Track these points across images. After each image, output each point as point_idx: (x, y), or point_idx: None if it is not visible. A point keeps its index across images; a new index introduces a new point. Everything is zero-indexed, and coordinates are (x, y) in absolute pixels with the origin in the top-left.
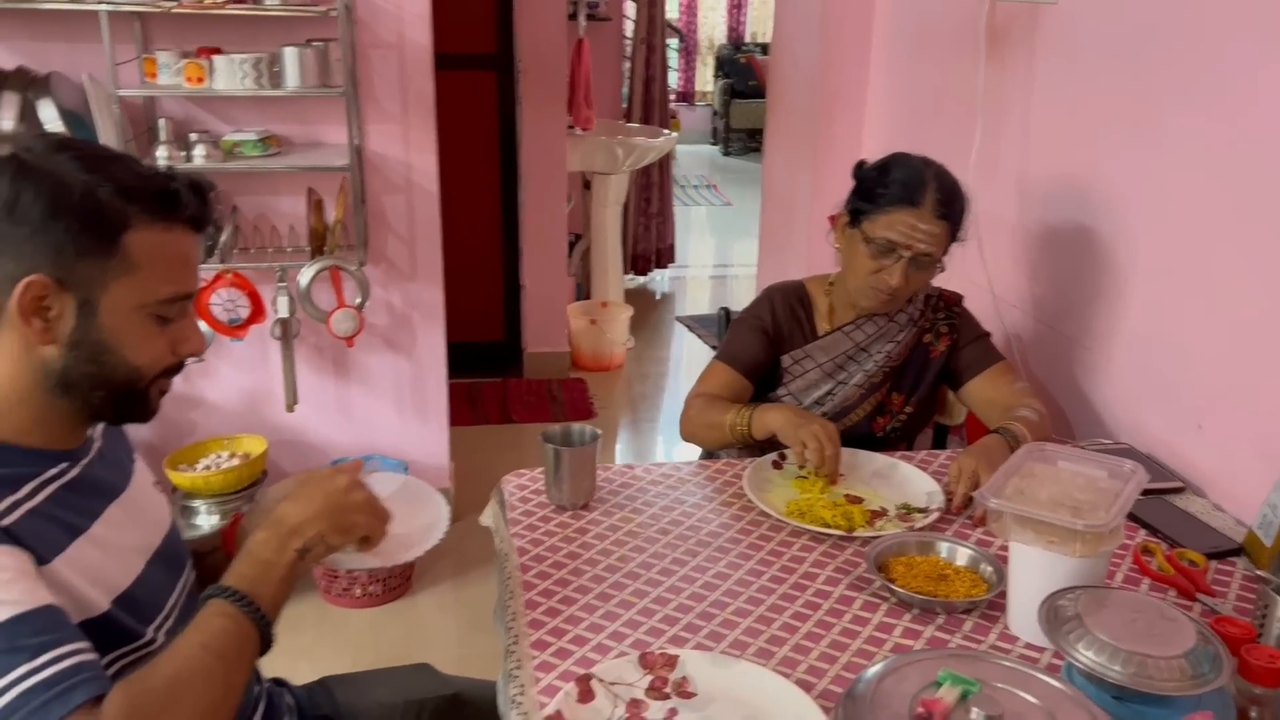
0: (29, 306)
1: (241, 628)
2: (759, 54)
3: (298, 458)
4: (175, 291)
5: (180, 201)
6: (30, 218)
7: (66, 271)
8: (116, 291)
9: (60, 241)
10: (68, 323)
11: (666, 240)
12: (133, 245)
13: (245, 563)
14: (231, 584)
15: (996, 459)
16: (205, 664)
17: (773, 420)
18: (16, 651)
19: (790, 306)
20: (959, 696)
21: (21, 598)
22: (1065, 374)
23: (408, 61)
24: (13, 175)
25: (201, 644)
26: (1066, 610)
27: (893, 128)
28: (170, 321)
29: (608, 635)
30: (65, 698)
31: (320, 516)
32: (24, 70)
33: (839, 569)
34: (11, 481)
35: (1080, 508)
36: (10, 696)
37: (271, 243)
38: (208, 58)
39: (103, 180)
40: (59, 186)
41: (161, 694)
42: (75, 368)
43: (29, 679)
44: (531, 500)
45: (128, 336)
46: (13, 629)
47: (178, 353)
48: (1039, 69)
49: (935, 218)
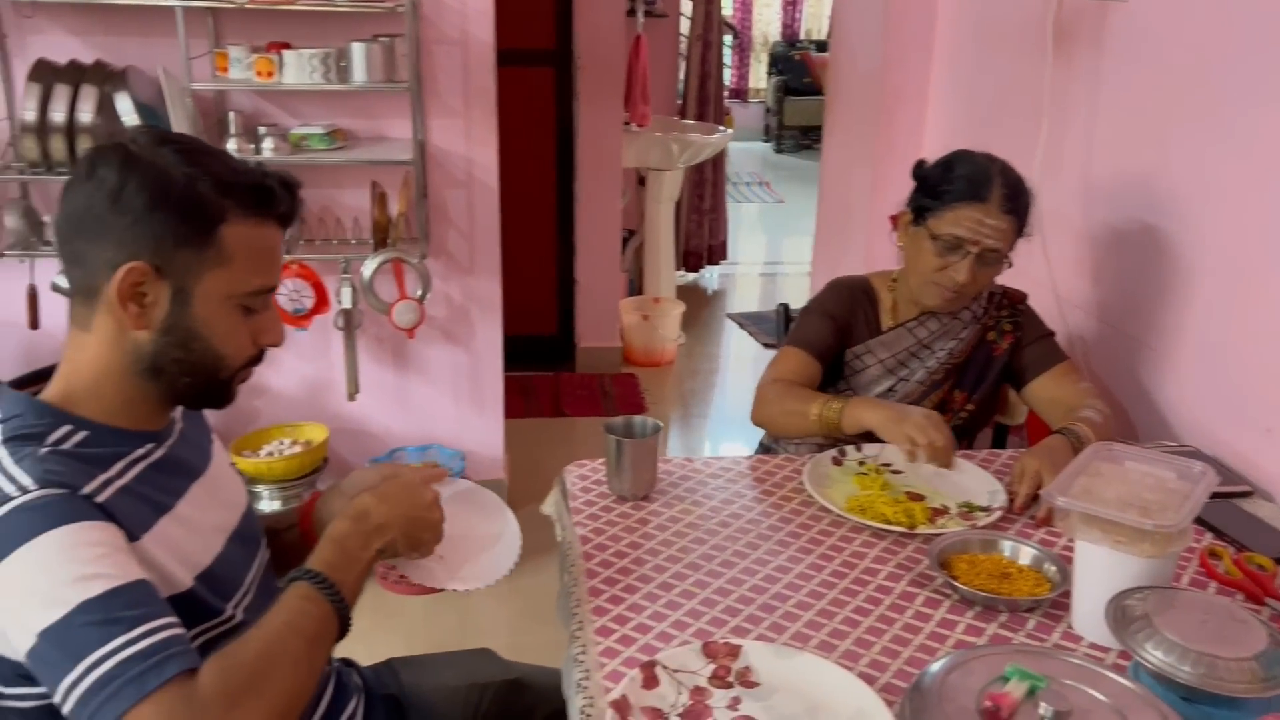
0: (127, 292)
1: (325, 612)
2: (814, 51)
3: (358, 446)
4: (263, 284)
5: (275, 198)
6: (134, 207)
7: (164, 260)
8: (209, 281)
9: (160, 231)
10: (161, 309)
11: (719, 237)
12: (227, 238)
13: (330, 550)
14: (319, 569)
15: (1060, 460)
16: (292, 645)
17: (869, 417)
18: (114, 623)
19: (856, 299)
20: (1026, 692)
21: (116, 571)
22: (1129, 375)
23: (471, 57)
24: (120, 165)
25: (288, 624)
26: (1135, 610)
27: (954, 126)
28: (254, 313)
29: (670, 624)
30: (159, 669)
31: (401, 524)
32: (102, 64)
33: (900, 565)
34: (103, 460)
35: (1149, 508)
36: (108, 666)
37: (336, 235)
38: (278, 53)
39: (202, 174)
40: (162, 178)
41: (251, 670)
42: (165, 353)
43: (126, 650)
44: (593, 490)
45: (217, 325)
46: (109, 601)
47: (259, 342)
48: (1106, 67)
49: (1002, 213)
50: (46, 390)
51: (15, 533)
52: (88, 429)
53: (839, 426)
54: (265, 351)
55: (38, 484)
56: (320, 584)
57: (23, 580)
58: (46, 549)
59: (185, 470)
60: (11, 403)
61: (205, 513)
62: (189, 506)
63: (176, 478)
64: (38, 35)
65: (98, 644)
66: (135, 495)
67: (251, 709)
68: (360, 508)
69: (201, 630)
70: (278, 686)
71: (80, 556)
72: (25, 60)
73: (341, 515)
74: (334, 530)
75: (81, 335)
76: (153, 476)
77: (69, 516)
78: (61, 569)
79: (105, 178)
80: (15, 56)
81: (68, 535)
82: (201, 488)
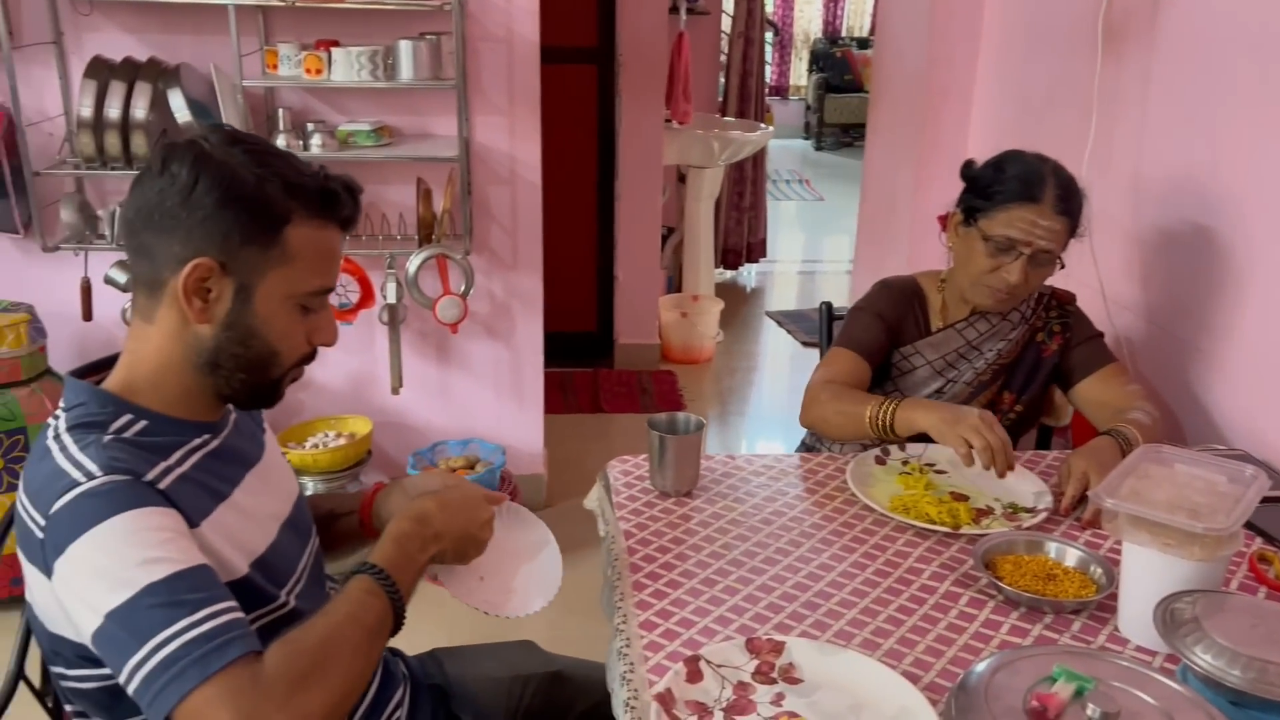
0: (192, 286)
1: (384, 606)
2: (855, 48)
3: (401, 439)
4: (323, 285)
5: (340, 202)
6: (205, 204)
7: (230, 257)
8: (272, 280)
9: (229, 229)
10: (224, 304)
11: (758, 235)
12: (292, 238)
13: (391, 548)
14: (384, 566)
15: (1108, 461)
16: (353, 635)
17: (922, 419)
18: (178, 605)
19: (905, 299)
20: (1074, 693)
21: (180, 556)
22: (1178, 377)
23: (515, 55)
24: (193, 162)
25: (351, 615)
26: (1184, 613)
27: (1001, 125)
28: (311, 312)
29: (713, 619)
30: (223, 650)
31: (456, 537)
32: (155, 61)
33: (944, 565)
34: (163, 449)
35: (1198, 511)
36: (173, 647)
37: (381, 230)
38: (326, 50)
39: (271, 175)
40: (233, 178)
41: (314, 657)
42: (225, 348)
43: (190, 631)
44: (635, 486)
45: (276, 323)
46: (173, 584)
47: (313, 341)
48: (1157, 65)
49: (1055, 214)
50: (108, 380)
51: (83, 517)
52: (147, 418)
53: (892, 428)
54: (317, 351)
55: (103, 470)
56: (382, 579)
57: (90, 563)
58: (113, 533)
59: (240, 459)
60: (75, 391)
61: (260, 500)
62: (244, 494)
63: (232, 466)
64: (94, 33)
65: (163, 625)
66: (194, 483)
67: (314, 694)
68: (421, 511)
69: (257, 616)
70: (339, 674)
71: (146, 540)
72: (81, 58)
73: (403, 515)
74: (395, 529)
75: (144, 327)
76: (210, 465)
77: (134, 501)
78: (128, 552)
79: (178, 174)
80: (72, 54)
81: (133, 520)
82: (256, 476)
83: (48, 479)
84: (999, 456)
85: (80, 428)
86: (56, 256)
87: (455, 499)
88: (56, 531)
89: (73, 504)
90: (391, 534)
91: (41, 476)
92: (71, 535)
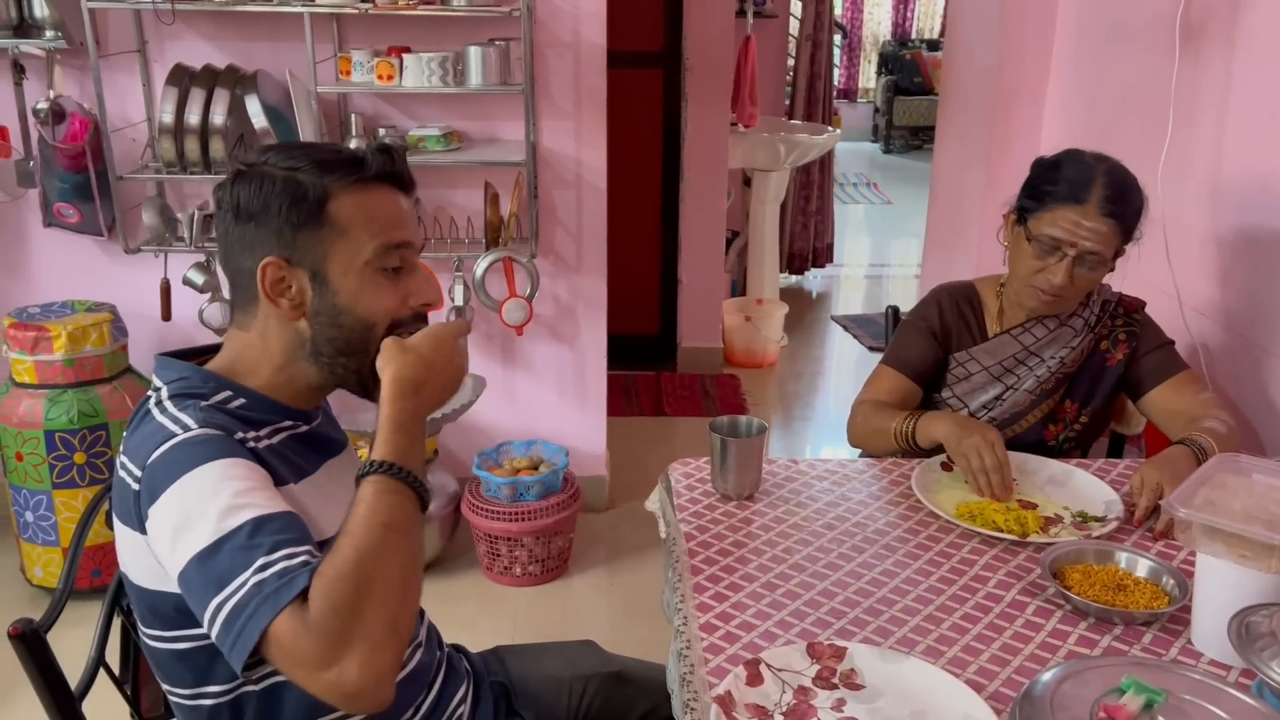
0: (272, 288)
1: (409, 499)
2: (925, 50)
3: (466, 440)
4: (385, 240)
5: (367, 162)
6: (253, 213)
7: (290, 249)
8: (337, 257)
9: (279, 225)
10: (307, 294)
11: (825, 239)
12: (336, 211)
13: (393, 433)
14: (391, 459)
15: (1182, 471)
16: (387, 539)
17: (938, 429)
18: (257, 548)
19: (958, 307)
20: (1143, 705)
21: (265, 503)
22: (1257, 386)
23: (582, 59)
24: (231, 185)
25: (382, 524)
26: (1260, 626)
27: (1074, 127)
28: (399, 274)
29: (774, 623)
30: (290, 585)
31: (444, 387)
32: (234, 68)
33: (1011, 574)
34: (255, 423)
35: (1276, 522)
36: (247, 588)
37: (449, 234)
38: (398, 56)
39: (300, 164)
40: (267, 180)
41: (353, 580)
42: (321, 333)
43: (264, 571)
44: (697, 489)
45: (360, 294)
46: (256, 528)
47: (411, 304)
48: (1238, 64)
49: (1101, 215)
50: (211, 363)
51: (178, 464)
52: (246, 396)
53: (914, 441)
54: (426, 315)
55: (199, 425)
56: (399, 474)
57: (180, 507)
58: (203, 479)
59: (325, 448)
60: (176, 368)
61: (336, 488)
62: (325, 477)
63: (316, 452)
64: (175, 41)
65: (242, 568)
66: (279, 457)
67: (370, 613)
68: (403, 380)
69: None
70: (385, 584)
71: (232, 489)
72: (164, 65)
73: (387, 397)
74: (387, 414)
75: (240, 334)
76: (296, 446)
77: (226, 451)
78: (215, 498)
79: (224, 200)
80: (154, 62)
81: (223, 468)
82: (336, 465)
83: (147, 435)
84: (993, 477)
85: (181, 396)
86: (138, 258)
87: (426, 345)
88: (152, 479)
89: (169, 453)
90: (386, 420)
91: (141, 434)
92: (166, 481)
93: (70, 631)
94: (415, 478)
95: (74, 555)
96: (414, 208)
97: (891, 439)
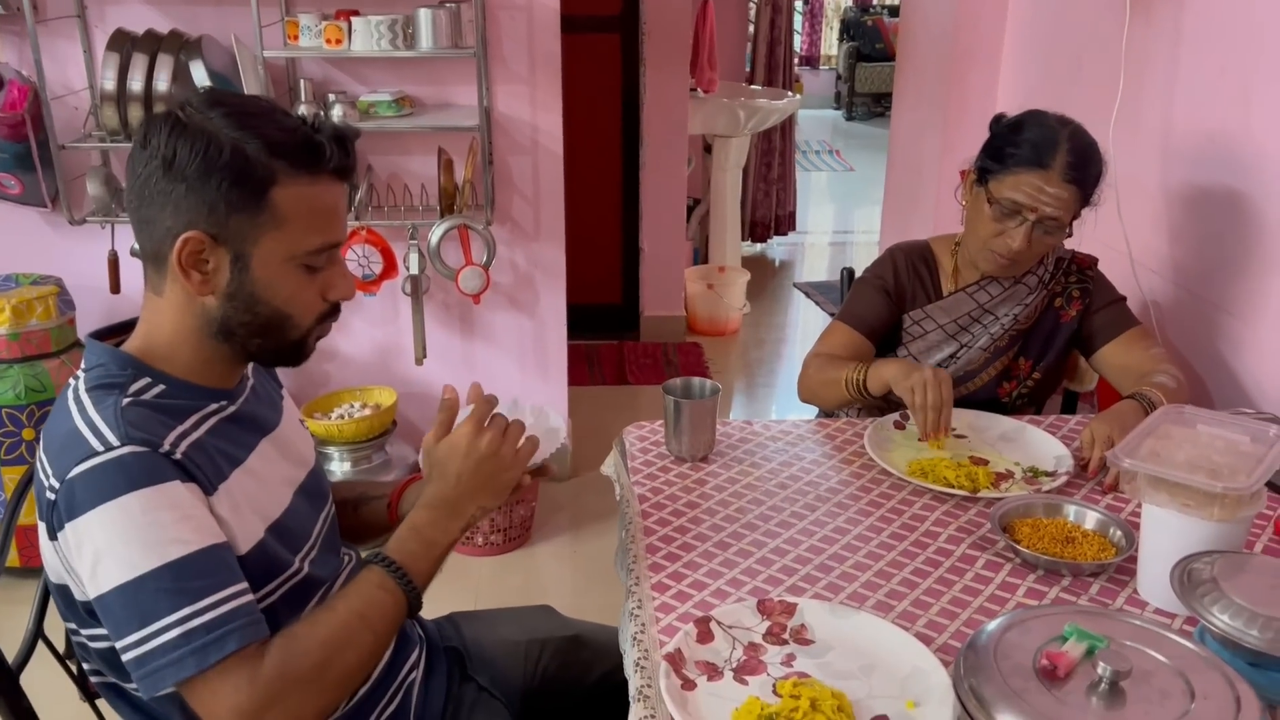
0: (188, 260)
1: (397, 600)
2: (887, 16)
3: (426, 410)
4: (323, 242)
5: (324, 155)
6: (186, 175)
7: (219, 227)
8: (266, 245)
9: (213, 199)
10: (224, 274)
11: (787, 207)
12: (280, 200)
13: (411, 539)
14: (396, 558)
15: (1131, 424)
16: (360, 635)
17: (886, 371)
18: (183, 592)
19: (913, 265)
20: (1085, 652)
21: (193, 536)
22: (1206, 342)
23: (536, 23)
24: (170, 133)
25: (359, 614)
26: (1202, 573)
27: (1029, 87)
28: (319, 270)
29: (726, 582)
30: (221, 643)
31: (478, 490)
32: (177, 33)
33: (961, 529)
34: (180, 412)
35: (1219, 471)
36: (173, 635)
37: (403, 201)
38: (346, 20)
39: (250, 137)
40: (211, 144)
41: (316, 660)
42: (233, 317)
43: (192, 621)
44: (651, 451)
45: (280, 287)
46: (182, 568)
47: (328, 298)
48: (1187, 23)
49: (1064, 181)
50: (128, 343)
51: (97, 490)
52: (165, 383)
53: (865, 387)
54: (339, 307)
55: (121, 440)
56: (397, 574)
57: (103, 535)
58: (128, 510)
59: (256, 426)
60: (95, 352)
61: (274, 467)
62: (260, 460)
63: (248, 433)
64: (116, 5)
65: (166, 611)
66: (210, 449)
67: (310, 693)
68: (435, 496)
69: (273, 587)
70: (339, 673)
71: (159, 520)
72: (105, 30)
73: (420, 504)
74: (415, 519)
75: (155, 299)
76: (226, 430)
77: (149, 478)
78: (140, 531)
79: (157, 147)
80: (95, 27)
81: (146, 498)
82: (271, 443)
83: (66, 442)
84: (931, 414)
85: (100, 389)
86: (84, 229)
87: (458, 464)
88: (71, 497)
89: (88, 474)
90: (411, 523)
91: (60, 437)
92: (87, 504)
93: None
94: (414, 587)
95: (5, 536)
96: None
97: (843, 388)
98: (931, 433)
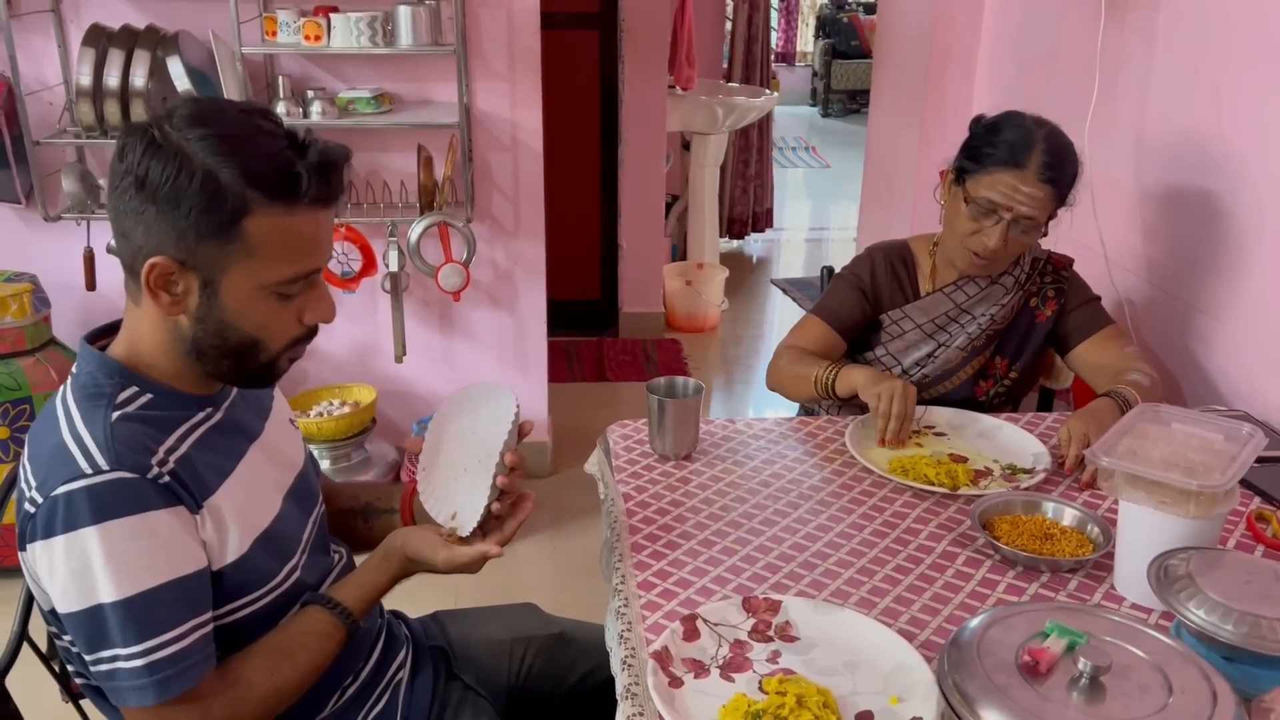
0: (156, 283)
1: (342, 637)
2: (862, 14)
3: (405, 407)
4: (296, 272)
5: (301, 186)
6: (157, 198)
7: (188, 254)
8: (236, 274)
9: (182, 226)
10: (193, 298)
11: (764, 204)
12: (252, 230)
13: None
14: (350, 606)
15: (1107, 422)
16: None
17: (855, 377)
18: (143, 624)
19: (891, 265)
20: (1066, 647)
21: (165, 567)
22: (1179, 340)
23: (515, 20)
24: (144, 151)
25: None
26: (1178, 569)
27: (1005, 87)
28: (293, 297)
29: (711, 580)
30: (164, 687)
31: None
32: (154, 29)
33: (942, 526)
34: (167, 424)
35: (1194, 469)
36: (124, 667)
37: (383, 198)
38: (325, 16)
39: (225, 164)
40: (183, 170)
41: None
42: (203, 339)
43: (142, 658)
44: (635, 449)
45: (250, 314)
46: (148, 600)
47: (305, 322)
48: (1162, 24)
49: (1040, 181)
50: (113, 346)
51: (82, 514)
52: (151, 391)
53: (834, 389)
54: (316, 329)
55: (110, 464)
56: (349, 624)
57: (81, 556)
58: (110, 536)
59: (243, 432)
60: (86, 358)
61: (263, 473)
62: (248, 468)
63: (235, 440)
64: (91, 0)
65: (134, 640)
66: (196, 464)
67: None
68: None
69: (257, 597)
70: (281, 709)
71: (136, 549)
72: (80, 26)
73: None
74: (378, 584)
75: (134, 309)
76: (213, 440)
77: (134, 505)
78: (119, 560)
79: (132, 163)
80: (70, 22)
81: (130, 527)
82: (259, 449)
83: (54, 456)
84: (894, 423)
85: (89, 399)
86: (59, 226)
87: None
88: (52, 515)
89: (76, 497)
90: (369, 583)
91: (48, 449)
92: (70, 525)
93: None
94: (357, 625)
95: None
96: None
97: (811, 385)
98: (890, 440)
